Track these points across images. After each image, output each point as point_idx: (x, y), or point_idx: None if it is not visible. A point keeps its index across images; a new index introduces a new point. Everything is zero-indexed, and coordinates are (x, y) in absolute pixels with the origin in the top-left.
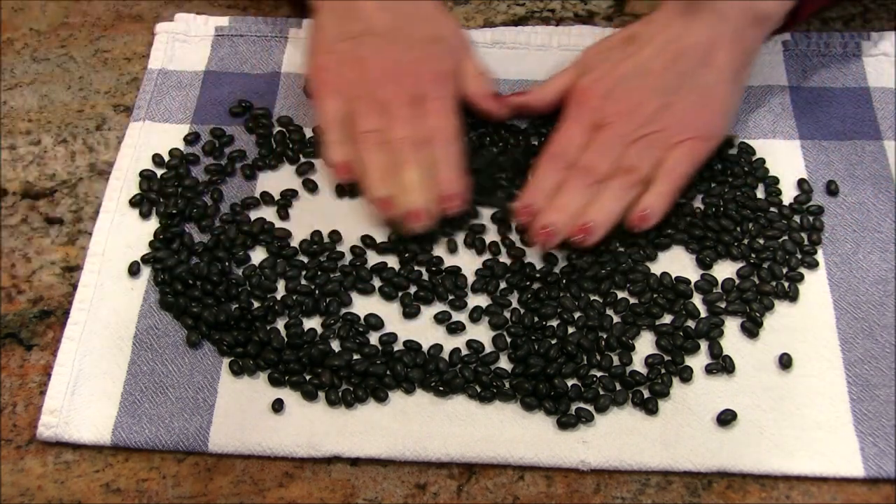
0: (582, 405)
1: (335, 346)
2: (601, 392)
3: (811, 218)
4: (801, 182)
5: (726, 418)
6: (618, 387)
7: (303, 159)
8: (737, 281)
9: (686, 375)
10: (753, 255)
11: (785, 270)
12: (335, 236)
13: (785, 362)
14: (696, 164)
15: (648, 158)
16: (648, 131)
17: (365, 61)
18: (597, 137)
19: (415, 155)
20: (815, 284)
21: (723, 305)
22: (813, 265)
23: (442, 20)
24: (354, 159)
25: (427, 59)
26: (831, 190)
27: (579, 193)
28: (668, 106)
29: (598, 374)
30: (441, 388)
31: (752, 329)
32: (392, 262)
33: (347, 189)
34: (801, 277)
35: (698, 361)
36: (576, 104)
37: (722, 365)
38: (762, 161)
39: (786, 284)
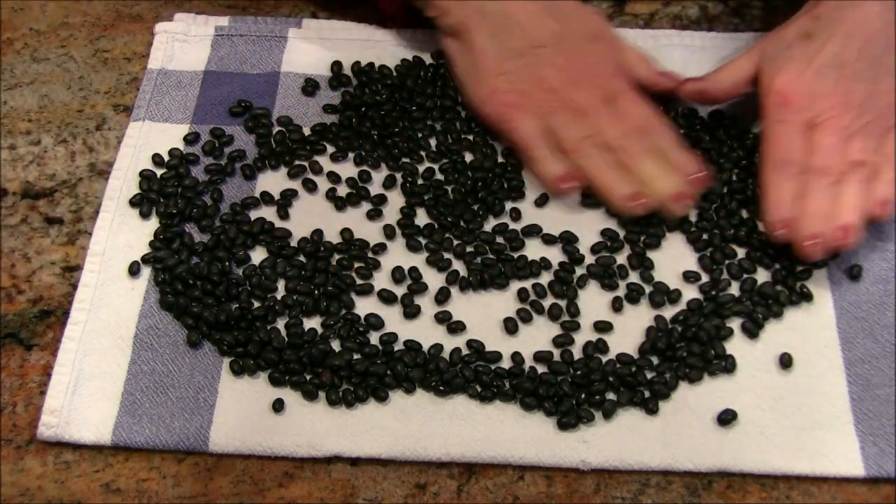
0: (584, 406)
1: (335, 345)
2: (606, 396)
3: None
4: None
5: (726, 418)
6: (621, 388)
7: (297, 162)
8: (743, 278)
9: (693, 376)
10: (760, 252)
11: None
12: (342, 235)
13: (785, 362)
14: None
15: (872, 148)
16: (864, 122)
17: (543, 74)
18: (818, 137)
19: (639, 145)
20: (816, 284)
21: (729, 307)
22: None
23: (590, 16)
24: (572, 171)
25: (597, 57)
26: None
27: (825, 196)
28: (873, 93)
29: (600, 375)
30: (441, 388)
31: (752, 329)
32: (392, 260)
33: (346, 200)
34: (808, 275)
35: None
36: (778, 107)
37: (723, 365)
38: None
39: (797, 287)
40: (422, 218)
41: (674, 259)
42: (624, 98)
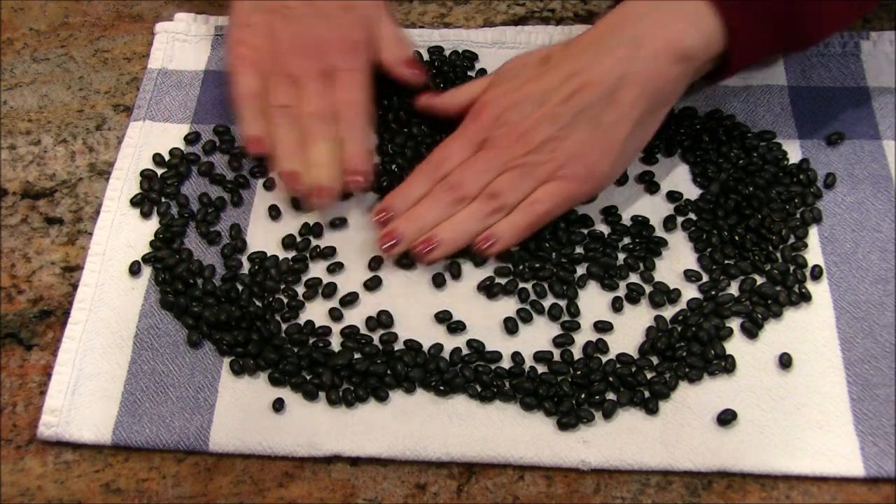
0: (584, 406)
1: (336, 345)
2: (606, 396)
3: (811, 199)
4: (802, 163)
5: (726, 418)
6: (621, 388)
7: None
8: (743, 280)
9: (693, 376)
10: (758, 254)
11: (792, 269)
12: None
13: (785, 362)
14: (562, 205)
15: (518, 188)
16: (527, 161)
17: (277, 34)
18: (473, 157)
19: (322, 130)
20: (815, 284)
21: (729, 306)
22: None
23: None
24: (267, 134)
25: (338, 29)
26: (828, 183)
27: (438, 208)
28: (557, 139)
29: (600, 375)
30: (441, 388)
31: (751, 329)
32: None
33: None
34: (805, 277)
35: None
36: (471, 117)
37: (723, 365)
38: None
39: (796, 288)
40: None
41: (674, 259)
42: (342, 76)
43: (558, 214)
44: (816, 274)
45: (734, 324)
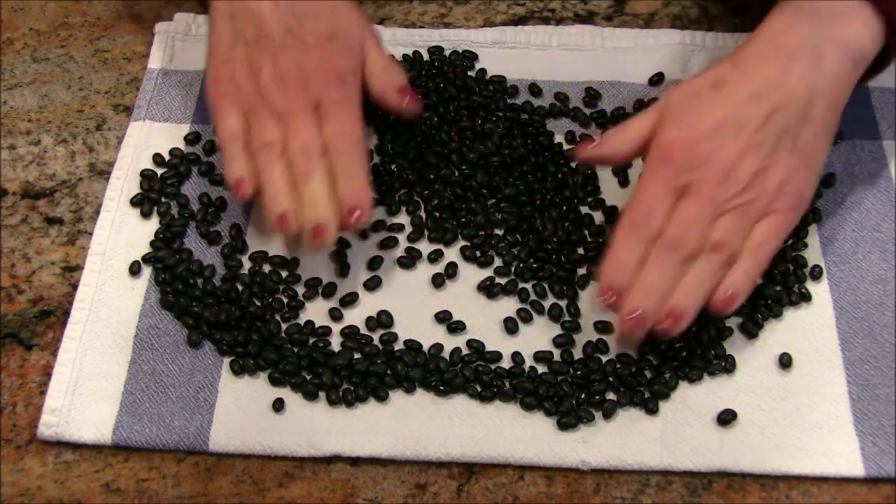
0: (584, 406)
1: (336, 345)
2: (606, 396)
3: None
4: None
5: (726, 418)
6: (621, 388)
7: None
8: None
9: (693, 376)
10: None
11: (792, 269)
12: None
13: (785, 362)
14: (783, 238)
15: (740, 232)
16: (742, 201)
17: (259, 68)
18: (684, 206)
19: (313, 165)
20: (815, 284)
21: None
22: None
23: (339, 13)
24: (254, 175)
25: (323, 59)
26: (828, 183)
27: (666, 272)
28: (765, 170)
29: (600, 375)
30: (441, 388)
31: (751, 329)
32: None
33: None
34: (805, 277)
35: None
36: (659, 161)
37: (723, 365)
38: None
39: (796, 288)
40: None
41: None
42: (332, 108)
43: (778, 250)
44: (816, 274)
45: (734, 324)
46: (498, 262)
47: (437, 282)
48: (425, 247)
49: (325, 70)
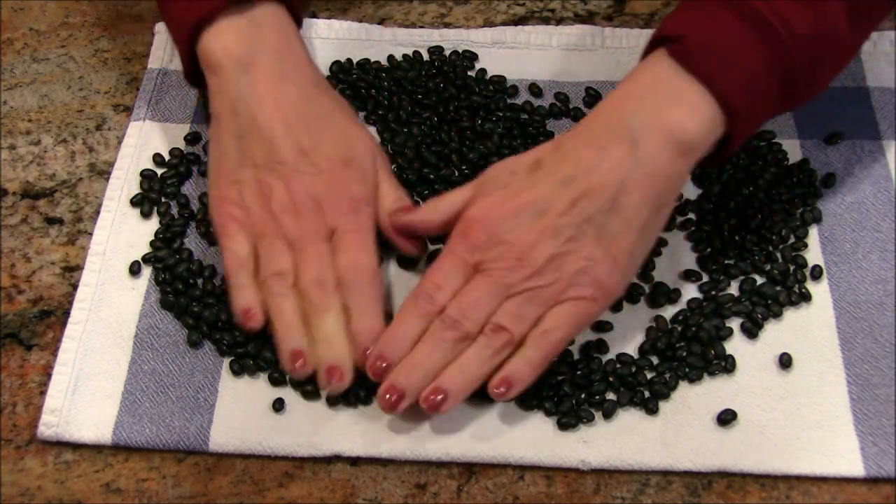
0: (584, 406)
1: None
2: (606, 396)
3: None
4: (802, 163)
5: (726, 418)
6: (621, 388)
7: None
8: (742, 279)
9: (693, 376)
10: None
11: (792, 269)
12: None
13: (785, 362)
14: (578, 328)
15: (526, 317)
16: (532, 285)
17: (271, 193)
18: (471, 285)
19: (326, 299)
20: (815, 284)
21: (729, 306)
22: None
23: (354, 137)
24: (263, 304)
25: (337, 185)
26: (828, 183)
27: (440, 350)
28: (562, 256)
29: (600, 375)
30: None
31: (751, 329)
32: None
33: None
34: (805, 277)
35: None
36: (458, 237)
37: (723, 365)
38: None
39: (796, 288)
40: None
41: (674, 259)
42: (347, 238)
43: (573, 338)
44: (816, 274)
45: (734, 324)
46: None
47: None
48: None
49: (339, 197)
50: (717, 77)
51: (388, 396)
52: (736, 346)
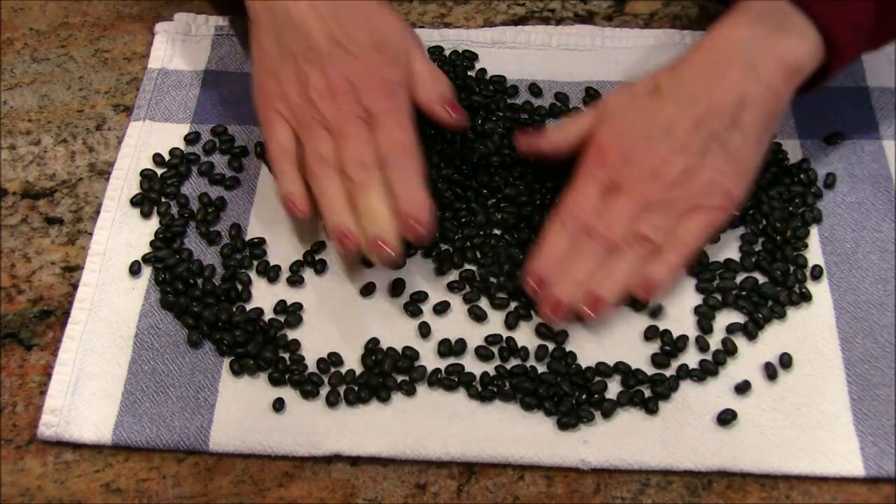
0: (584, 406)
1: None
2: (606, 396)
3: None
4: (802, 163)
5: (726, 418)
6: (621, 388)
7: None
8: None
9: (696, 374)
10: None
11: (793, 269)
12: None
13: (785, 362)
14: (710, 235)
15: (665, 226)
16: (668, 197)
17: (307, 80)
18: (613, 201)
19: (369, 177)
20: (815, 284)
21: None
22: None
23: (386, 22)
24: (306, 191)
25: (372, 69)
26: (828, 183)
27: (591, 262)
28: (693, 170)
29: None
30: (447, 382)
31: (752, 330)
32: None
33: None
34: (805, 277)
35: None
36: (593, 159)
37: (721, 358)
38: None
39: (796, 288)
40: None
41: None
42: (384, 118)
43: (705, 245)
44: (816, 274)
45: (735, 321)
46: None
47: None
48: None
49: (373, 81)
50: (828, 17)
51: (551, 307)
52: (736, 345)
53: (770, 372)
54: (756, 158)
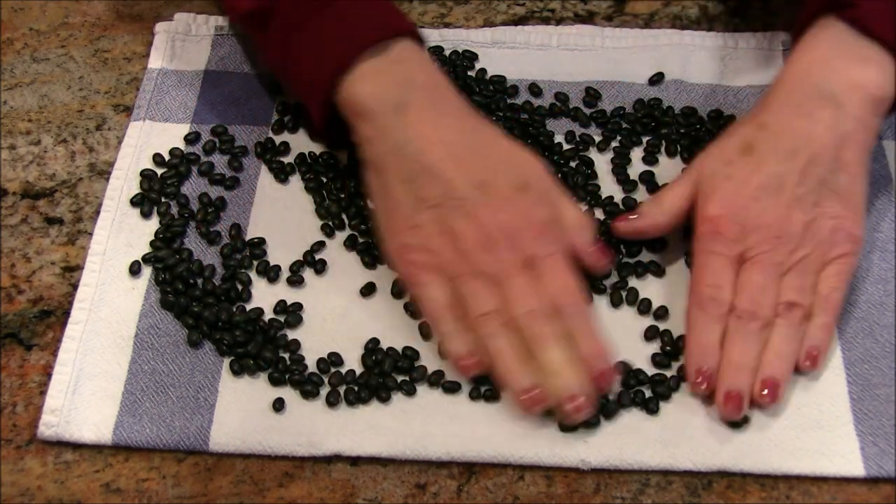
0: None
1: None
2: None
3: None
4: None
5: (738, 421)
6: (621, 388)
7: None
8: None
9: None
10: None
11: None
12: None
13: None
14: (849, 282)
15: (807, 287)
16: (800, 256)
17: (457, 231)
18: (747, 275)
19: (549, 329)
20: None
21: None
22: None
23: (525, 161)
24: (477, 348)
25: (523, 212)
26: None
27: (749, 344)
28: (813, 222)
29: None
30: (447, 385)
31: None
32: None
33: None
34: None
35: None
36: (709, 237)
37: None
38: None
39: None
40: None
41: (674, 258)
42: (546, 264)
43: (846, 294)
44: None
45: None
46: None
47: None
48: None
49: (529, 223)
50: None
51: (728, 403)
52: None
53: None
54: (863, 192)
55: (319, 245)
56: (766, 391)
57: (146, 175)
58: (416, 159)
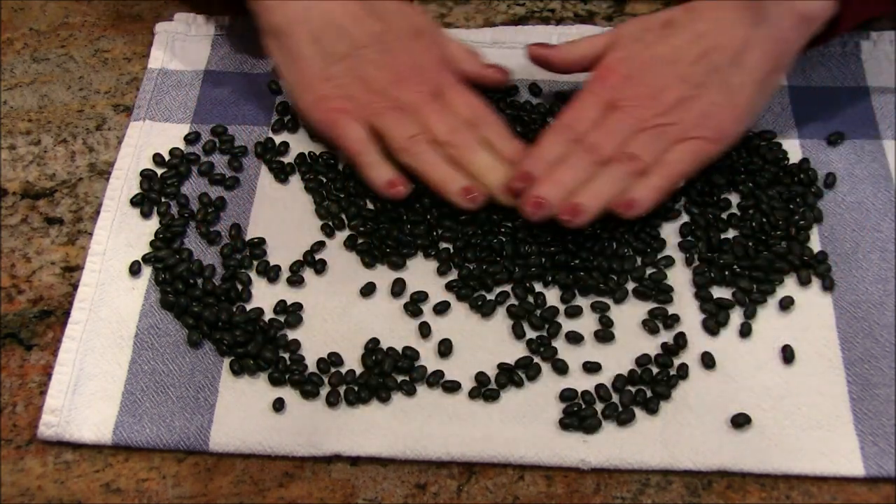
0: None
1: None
2: (611, 395)
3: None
4: (802, 163)
5: (740, 421)
6: (621, 388)
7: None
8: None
9: (682, 373)
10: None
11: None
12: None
13: (788, 356)
14: (698, 165)
15: (654, 149)
16: (662, 122)
17: (368, 75)
18: (609, 117)
19: (470, 136)
20: (815, 283)
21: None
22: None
23: (412, 13)
24: (401, 174)
25: (421, 53)
26: (828, 183)
27: (579, 171)
28: (689, 99)
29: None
30: (448, 385)
31: (745, 331)
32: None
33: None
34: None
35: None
36: (597, 79)
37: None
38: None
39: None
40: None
41: (674, 257)
42: (451, 91)
43: (691, 174)
44: (819, 268)
45: (733, 322)
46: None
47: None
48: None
49: (428, 61)
50: None
51: (533, 205)
52: (736, 345)
53: (770, 371)
54: (755, 101)
55: (319, 245)
56: (567, 213)
57: (146, 175)
58: (320, 18)
